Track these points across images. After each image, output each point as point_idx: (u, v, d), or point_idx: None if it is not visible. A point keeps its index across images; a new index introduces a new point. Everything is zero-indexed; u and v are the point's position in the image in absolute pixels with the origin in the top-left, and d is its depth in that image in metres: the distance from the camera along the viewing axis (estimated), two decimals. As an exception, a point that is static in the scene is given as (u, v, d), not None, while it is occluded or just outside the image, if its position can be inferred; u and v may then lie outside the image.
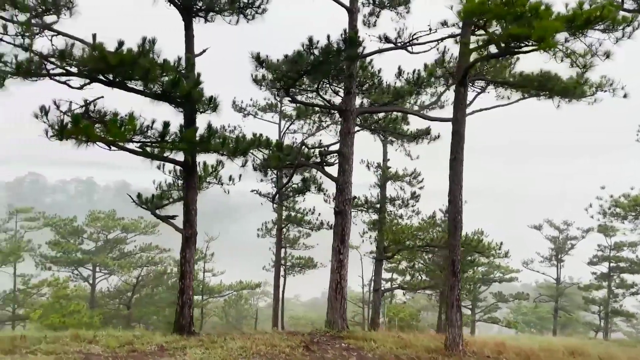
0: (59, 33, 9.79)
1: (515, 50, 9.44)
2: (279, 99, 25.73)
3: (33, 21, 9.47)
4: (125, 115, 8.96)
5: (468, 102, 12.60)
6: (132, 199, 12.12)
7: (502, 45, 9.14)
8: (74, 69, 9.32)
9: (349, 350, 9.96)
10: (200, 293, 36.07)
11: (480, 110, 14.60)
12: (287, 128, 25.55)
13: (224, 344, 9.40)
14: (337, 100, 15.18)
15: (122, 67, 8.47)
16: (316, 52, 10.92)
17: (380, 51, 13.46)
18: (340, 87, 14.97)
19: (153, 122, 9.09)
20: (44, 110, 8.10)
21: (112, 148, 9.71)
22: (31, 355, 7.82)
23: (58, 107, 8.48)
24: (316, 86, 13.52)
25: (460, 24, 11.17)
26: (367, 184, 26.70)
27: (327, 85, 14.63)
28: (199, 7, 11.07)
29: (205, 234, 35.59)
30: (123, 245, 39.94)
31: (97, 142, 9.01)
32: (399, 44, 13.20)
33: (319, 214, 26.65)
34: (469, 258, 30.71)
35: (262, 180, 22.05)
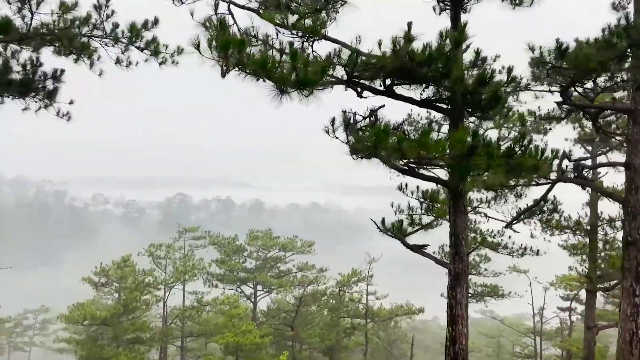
0: (323, 37, 8.50)
1: None
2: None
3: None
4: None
5: None
6: (376, 225, 10.46)
7: None
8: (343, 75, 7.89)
9: None
10: (364, 317, 34.50)
11: None
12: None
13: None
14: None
15: (425, 66, 6.75)
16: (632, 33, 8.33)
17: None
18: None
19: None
20: (345, 123, 6.62)
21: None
22: None
23: (348, 119, 6.98)
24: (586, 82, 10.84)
25: None
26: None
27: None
28: (468, -3, 9.14)
29: (367, 254, 34.21)
30: (280, 264, 40.11)
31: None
32: None
33: (509, 236, 23.45)
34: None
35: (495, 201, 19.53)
